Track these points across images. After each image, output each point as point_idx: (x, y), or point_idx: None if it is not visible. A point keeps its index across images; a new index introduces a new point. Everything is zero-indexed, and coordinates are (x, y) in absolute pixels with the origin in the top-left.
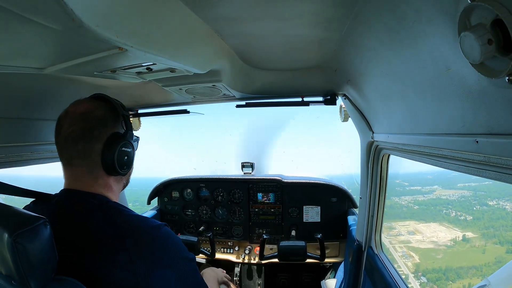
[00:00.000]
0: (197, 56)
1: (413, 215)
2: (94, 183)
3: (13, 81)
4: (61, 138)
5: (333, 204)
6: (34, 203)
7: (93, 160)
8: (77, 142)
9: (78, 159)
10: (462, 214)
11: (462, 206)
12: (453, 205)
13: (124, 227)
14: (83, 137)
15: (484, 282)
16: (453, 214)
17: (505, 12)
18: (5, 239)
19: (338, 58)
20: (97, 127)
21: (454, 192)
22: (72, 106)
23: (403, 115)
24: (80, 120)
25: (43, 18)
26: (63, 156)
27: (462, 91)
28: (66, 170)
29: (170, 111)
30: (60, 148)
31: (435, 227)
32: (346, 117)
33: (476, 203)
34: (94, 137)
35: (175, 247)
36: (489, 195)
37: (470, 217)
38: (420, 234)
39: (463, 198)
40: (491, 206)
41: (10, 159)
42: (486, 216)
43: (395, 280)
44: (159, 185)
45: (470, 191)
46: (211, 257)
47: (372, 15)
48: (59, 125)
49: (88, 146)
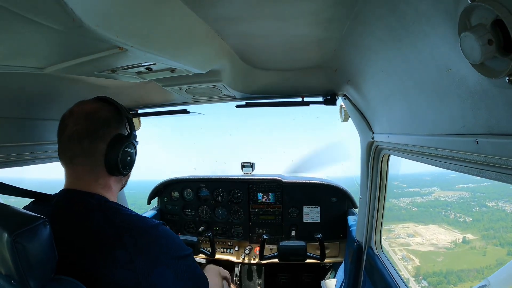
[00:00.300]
0: (197, 56)
1: (412, 217)
2: (94, 183)
3: (13, 81)
4: (65, 136)
5: (333, 204)
6: (33, 204)
7: (96, 159)
8: (81, 140)
9: (82, 157)
10: (461, 216)
11: (461, 208)
12: (452, 206)
13: (123, 226)
14: (88, 136)
15: (484, 283)
16: (452, 216)
17: (505, 12)
18: (5, 238)
19: (338, 58)
20: (102, 127)
21: (453, 193)
22: (77, 106)
23: (403, 115)
24: (85, 120)
25: (43, 18)
26: (65, 154)
27: (462, 92)
28: (68, 169)
29: (170, 111)
30: (63, 147)
31: (434, 229)
32: (346, 117)
33: (475, 204)
34: (99, 136)
35: (173, 245)
36: (488, 196)
37: (470, 219)
38: (420, 236)
39: (461, 199)
40: (490, 208)
41: (10, 159)
42: (485, 218)
43: (395, 280)
44: (159, 185)
45: (468, 192)
46: (211, 257)
47: (372, 15)
48: (63, 124)
49: (93, 145)
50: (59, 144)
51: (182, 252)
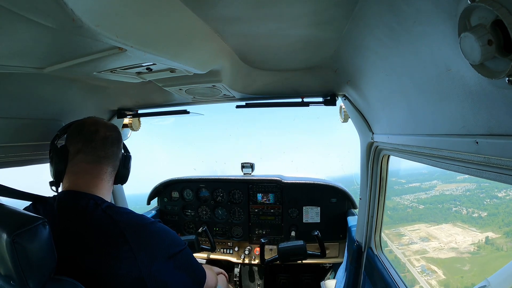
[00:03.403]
0: (197, 56)
1: (421, 217)
2: (99, 184)
3: (13, 81)
4: (98, 137)
5: (333, 205)
6: (33, 205)
7: (116, 164)
8: (113, 145)
9: (110, 159)
10: (474, 211)
11: (471, 202)
12: (460, 200)
13: (124, 224)
14: (118, 143)
15: (484, 283)
16: (464, 212)
17: (505, 12)
18: (4, 239)
19: (338, 58)
20: (121, 140)
21: (457, 185)
22: (97, 118)
23: (403, 116)
24: (114, 130)
25: (43, 18)
26: (95, 153)
27: (462, 92)
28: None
29: (170, 111)
30: (93, 146)
31: (449, 229)
32: (346, 118)
33: (484, 196)
34: (121, 147)
35: (170, 240)
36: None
37: (485, 213)
38: (435, 239)
39: (468, 191)
40: (502, 199)
41: (10, 159)
42: (501, 211)
43: (394, 281)
44: (159, 185)
45: (472, 184)
46: (212, 250)
47: (372, 15)
48: (94, 127)
49: (118, 151)
50: (88, 144)
51: (178, 246)
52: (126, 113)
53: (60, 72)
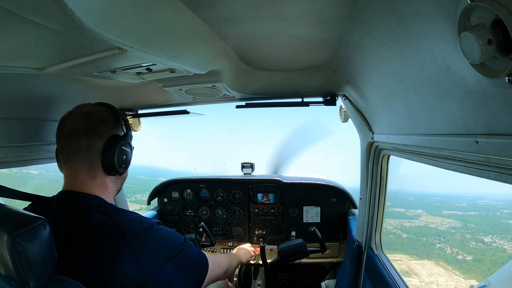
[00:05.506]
0: (197, 56)
1: (404, 247)
2: (92, 183)
3: (13, 82)
4: (63, 134)
5: (333, 205)
6: (32, 206)
7: (93, 157)
8: (79, 137)
9: (79, 154)
10: (459, 252)
11: (456, 241)
12: (445, 237)
13: (124, 225)
14: (86, 133)
15: (484, 283)
16: (448, 251)
17: (505, 12)
18: (5, 239)
19: (338, 58)
20: (99, 125)
21: (442, 220)
22: (76, 108)
23: (403, 116)
24: (83, 118)
25: (43, 19)
26: (63, 152)
27: (462, 92)
28: (66, 167)
29: (170, 111)
30: (61, 145)
31: (431, 267)
32: (346, 118)
33: (470, 238)
34: (96, 134)
35: (170, 240)
36: (481, 229)
37: (469, 257)
38: (416, 276)
39: (453, 229)
40: (488, 244)
41: (11, 159)
42: (487, 258)
43: (395, 281)
44: (159, 185)
45: (458, 221)
46: (212, 245)
47: (372, 15)
48: (62, 123)
49: (91, 142)
50: (58, 143)
51: (179, 246)
52: (126, 113)
53: (60, 73)
